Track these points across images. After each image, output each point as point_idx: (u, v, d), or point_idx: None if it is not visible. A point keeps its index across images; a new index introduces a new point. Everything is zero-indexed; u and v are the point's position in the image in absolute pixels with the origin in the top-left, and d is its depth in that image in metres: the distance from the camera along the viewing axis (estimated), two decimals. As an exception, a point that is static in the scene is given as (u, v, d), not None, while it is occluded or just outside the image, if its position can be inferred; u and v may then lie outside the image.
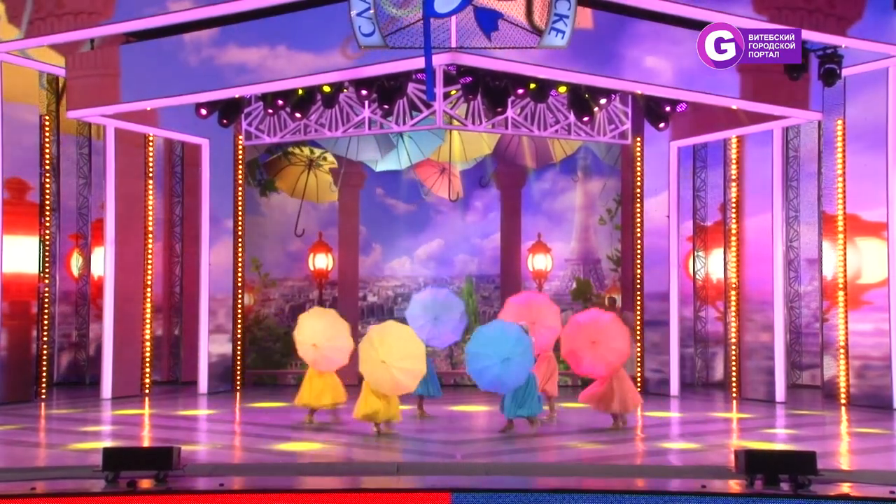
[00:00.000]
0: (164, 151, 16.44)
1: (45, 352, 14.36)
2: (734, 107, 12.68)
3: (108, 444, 9.61)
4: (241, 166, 15.92)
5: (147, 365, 14.72)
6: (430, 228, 16.91)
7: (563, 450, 9.73)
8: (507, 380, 10.13)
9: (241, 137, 15.56)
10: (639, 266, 15.48)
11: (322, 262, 16.86)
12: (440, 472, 8.43)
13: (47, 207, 14.64)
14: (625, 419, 11.10)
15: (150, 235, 14.93)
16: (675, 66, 11.53)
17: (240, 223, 15.85)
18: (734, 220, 14.59)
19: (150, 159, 15.07)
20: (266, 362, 16.73)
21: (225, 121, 14.14)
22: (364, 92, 13.36)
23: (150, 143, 15.09)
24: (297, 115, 14.15)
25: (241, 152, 15.88)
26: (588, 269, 16.86)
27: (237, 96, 13.81)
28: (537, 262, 16.84)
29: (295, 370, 16.63)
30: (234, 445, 10.15)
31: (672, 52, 11.47)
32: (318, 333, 11.29)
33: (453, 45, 10.43)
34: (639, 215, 15.47)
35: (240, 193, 15.88)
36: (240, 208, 15.84)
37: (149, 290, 14.87)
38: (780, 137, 14.04)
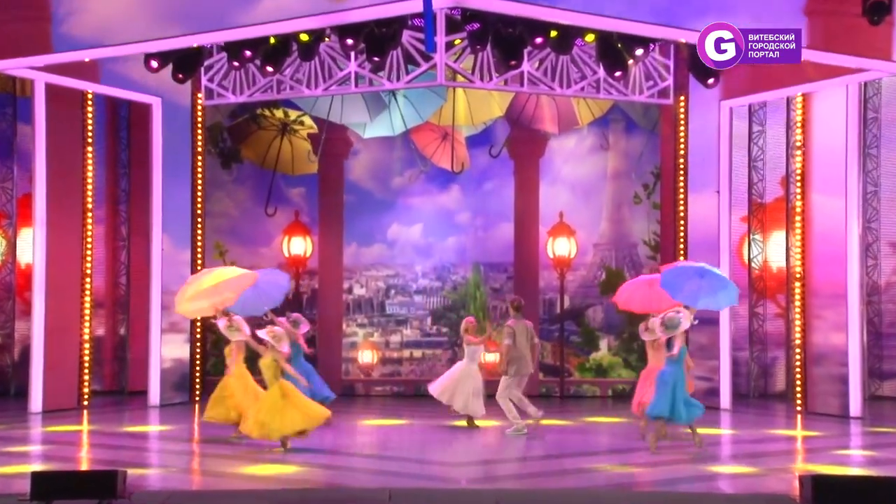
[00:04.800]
0: (107, 113, 16.35)
1: (-41, 356, 14.34)
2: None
3: (38, 467, 9.55)
4: (200, 131, 15.83)
5: (86, 372, 14.64)
6: (428, 206, 16.83)
7: (589, 473, 9.69)
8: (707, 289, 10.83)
9: (200, 96, 15.46)
10: (682, 252, 15.37)
11: (299, 246, 16.81)
12: (441, 501, 8.38)
13: (-37, 181, 14.61)
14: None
15: (90, 215, 14.86)
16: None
17: (199, 200, 15.78)
18: (799, 197, 14.50)
19: (90, 122, 14.97)
20: (231, 368, 16.68)
21: (181, 75, 14.04)
22: (350, 41, 13.24)
23: (90, 103, 15.00)
24: (269, 69, 14.03)
25: (200, 114, 15.79)
26: (621, 255, 16.78)
27: (195, 45, 13.68)
28: (559, 247, 16.77)
29: (266, 378, 16.58)
30: (191, 469, 10.11)
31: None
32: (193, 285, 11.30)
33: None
34: (682, 191, 15.37)
35: (199, 164, 15.80)
36: (199, 182, 15.77)
37: (88, 281, 14.77)
38: (855, 95, 13.91)
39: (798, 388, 14.41)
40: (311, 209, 16.80)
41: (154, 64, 13.62)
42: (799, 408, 14.26)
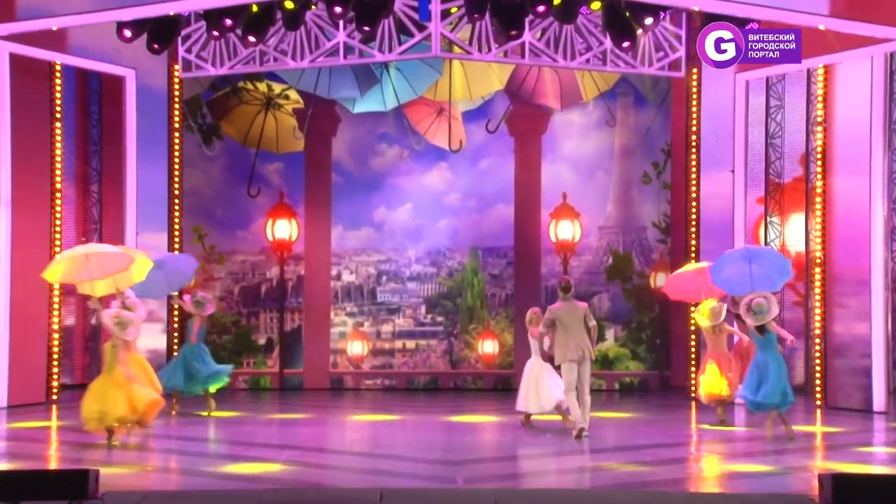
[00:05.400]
0: (77, 86, 16.30)
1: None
2: (821, 26, 12.49)
3: (4, 466, 9.55)
4: (177, 105, 15.78)
5: (54, 364, 14.65)
6: (422, 187, 16.81)
7: (594, 472, 9.71)
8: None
9: (177, 68, 15.42)
10: (694, 236, 15.38)
11: (284, 230, 16.79)
12: (436, 502, 8.38)
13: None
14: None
15: (58, 195, 14.81)
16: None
17: (176, 180, 15.75)
18: (819, 176, 14.49)
19: (58, 96, 14.90)
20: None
21: (156, 45, 14.00)
22: (338, 9, 13.20)
23: (58, 75, 14.93)
24: (251, 38, 14.00)
25: (177, 87, 15.75)
26: (629, 239, 16.79)
27: (172, 13, 13.62)
28: (562, 230, 16.77)
29: (249, 370, 16.63)
30: (168, 467, 10.12)
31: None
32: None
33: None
34: (694, 170, 15.36)
35: (176, 141, 15.76)
36: (176, 161, 15.74)
37: (58, 266, 14.80)
38: (881, 67, 13.87)
39: (818, 381, 14.44)
40: (296, 190, 16.77)
41: (127, 33, 13.57)
42: (819, 402, 14.29)
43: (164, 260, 13.37)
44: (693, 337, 15.30)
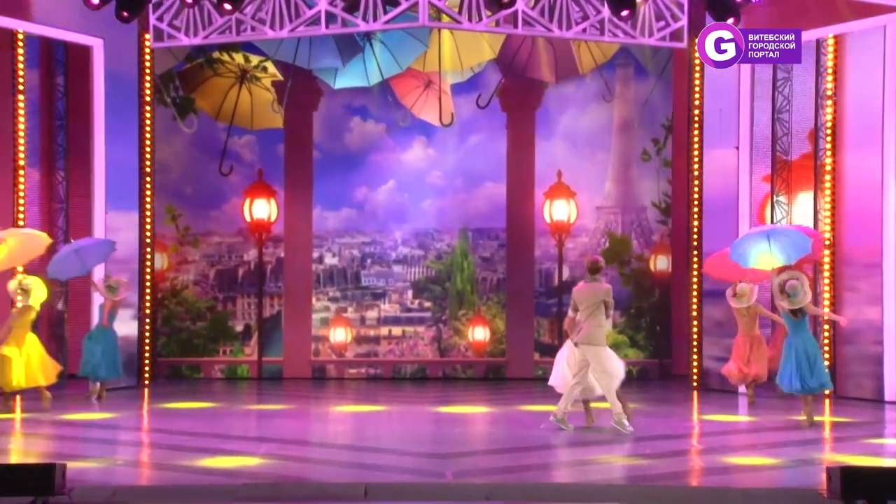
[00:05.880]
0: (41, 56, 16.18)
1: None
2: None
3: (-34, 459, 9.52)
4: (148, 78, 15.69)
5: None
6: (409, 165, 16.79)
7: (590, 466, 9.74)
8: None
9: (148, 37, 15.31)
10: (696, 216, 15.39)
11: (262, 210, 16.76)
12: (424, 497, 8.41)
13: None
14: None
15: (22, 173, 14.74)
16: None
17: (147, 157, 15.68)
18: (829, 153, 14.51)
19: (20, 67, 14.82)
20: (184, 348, 16.71)
21: (126, 13, 13.88)
22: (318, -27, 13.11)
23: (20, 44, 14.84)
24: (227, 6, 13.90)
25: (148, 59, 15.66)
26: (627, 220, 16.80)
27: (141, -21, 13.53)
28: (557, 210, 16.77)
29: (225, 359, 16.63)
30: (140, 461, 10.11)
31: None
32: None
33: None
34: (696, 147, 15.36)
35: (147, 116, 15.69)
36: (147, 137, 15.67)
37: (21, 248, 14.76)
38: (895, 37, 13.89)
39: (827, 369, 14.46)
40: (274, 167, 16.71)
41: (94, 0, 13.46)
42: (827, 391, 14.32)
43: (84, 243, 13.98)
44: (695, 323, 15.33)
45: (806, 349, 11.97)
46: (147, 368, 15.62)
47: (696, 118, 15.38)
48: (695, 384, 15.25)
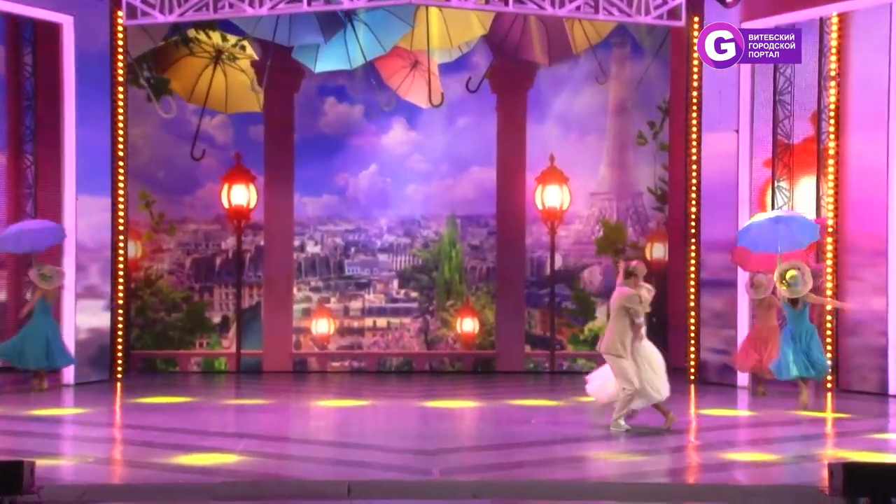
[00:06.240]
0: (7, 34, 16.13)
1: None
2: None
3: (-71, 456, 9.49)
4: (121, 57, 15.62)
5: (-19, 343, 14.66)
6: (392, 149, 16.75)
7: (582, 463, 9.75)
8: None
9: (121, 14, 15.24)
10: (694, 203, 15.41)
11: (241, 196, 16.71)
12: (410, 495, 8.42)
13: None
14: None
15: (-11, 157, 14.72)
16: None
17: (120, 141, 15.60)
18: (832, 136, 14.53)
19: (-13, 46, 14.77)
20: (159, 340, 16.67)
21: (96, -11, 13.82)
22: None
23: (-13, 23, 14.78)
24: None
25: (121, 37, 15.57)
26: (622, 207, 16.82)
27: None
28: (549, 196, 16.77)
29: (202, 351, 16.61)
30: (112, 459, 10.09)
31: None
32: None
33: None
34: (694, 130, 15.37)
35: (120, 97, 15.61)
36: (120, 119, 15.60)
37: (-12, 235, 14.73)
38: (900, 16, 13.93)
39: (829, 362, 14.50)
40: (253, 152, 16.65)
41: (64, -25, 13.39)
42: (829, 385, 14.38)
43: (31, 226, 14.37)
44: (693, 314, 15.36)
45: (805, 338, 12.13)
46: (120, 362, 15.55)
47: (694, 100, 15.38)
48: (692, 377, 15.28)
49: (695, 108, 15.40)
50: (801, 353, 12.52)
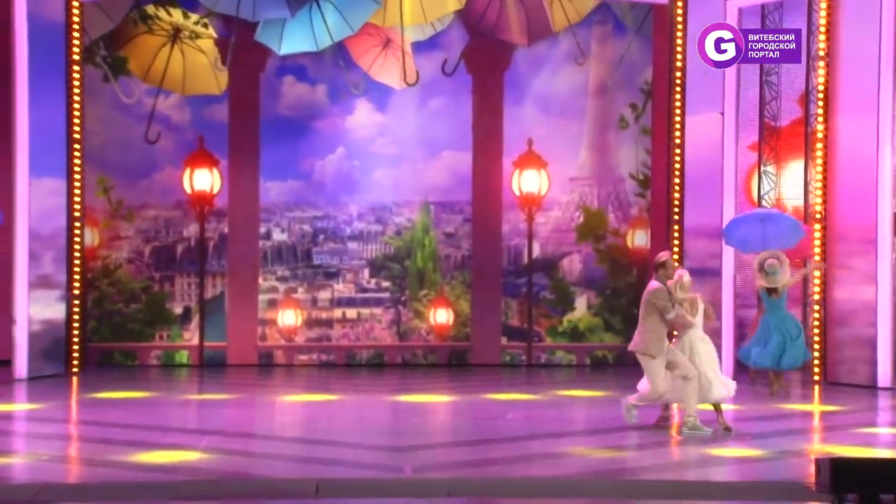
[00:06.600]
0: (-43, 11, 16.01)
1: None
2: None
3: None
4: (76, 35, 15.52)
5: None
6: (361, 131, 16.71)
7: (562, 458, 9.77)
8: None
9: (75, -11, 15.19)
10: (677, 188, 15.47)
11: (204, 181, 16.66)
12: (381, 493, 8.41)
13: None
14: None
15: (-63, 140, 14.62)
16: None
17: (76, 123, 15.53)
18: (821, 119, 14.60)
19: (-66, 23, 14.65)
20: (118, 332, 16.61)
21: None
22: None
23: (-66, -2, 14.66)
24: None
25: (76, 14, 15.48)
26: (603, 192, 16.85)
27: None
28: (527, 181, 16.79)
29: (163, 344, 16.55)
30: (68, 457, 10.03)
31: None
32: None
33: None
34: (678, 112, 15.41)
35: (76, 78, 15.53)
36: (76, 101, 15.51)
37: (-65, 223, 14.66)
38: (892, -7, 14.01)
39: (816, 354, 14.61)
40: (216, 134, 16.58)
41: (15, -52, 13.31)
42: (817, 377, 14.48)
43: None
44: (676, 304, 15.42)
45: (781, 328, 12.25)
46: (76, 355, 15.52)
47: (678, 81, 15.42)
48: (675, 370, 15.32)
49: (678, 89, 15.45)
50: (776, 345, 12.82)
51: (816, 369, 14.52)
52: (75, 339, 15.54)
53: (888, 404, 12.96)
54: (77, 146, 15.52)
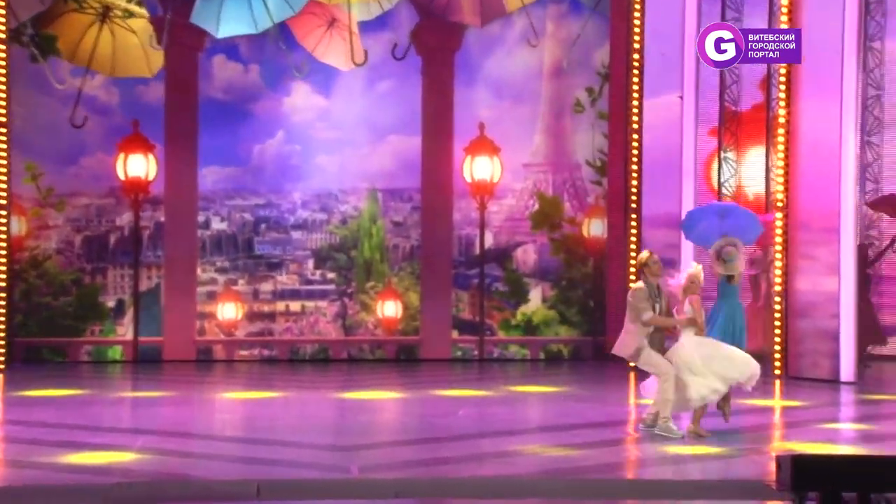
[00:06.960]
0: None
1: None
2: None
3: None
4: (3, 13, 15.36)
5: None
6: (304, 115, 16.66)
7: (516, 458, 9.81)
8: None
9: (-1, -37, 15.02)
10: (635, 175, 15.55)
11: (139, 167, 16.54)
12: (326, 495, 8.40)
13: None
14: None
15: None
16: None
17: (2, 104, 15.37)
18: (782, 104, 14.71)
19: None
20: (47, 327, 16.48)
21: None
22: None
23: None
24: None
25: (0, -11, 15.35)
26: (559, 179, 16.91)
27: None
28: (479, 168, 16.81)
29: (94, 339, 16.43)
30: (-6, 458, 9.96)
31: None
32: None
33: None
34: (635, 96, 15.50)
35: (1, 56, 15.36)
36: (2, 81, 15.35)
37: None
38: (856, -30, 14.14)
39: (777, 347, 14.74)
40: (150, 118, 16.46)
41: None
42: (777, 371, 14.61)
43: None
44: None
45: (733, 315, 12.31)
46: (1, 351, 15.37)
47: (636, 63, 15.49)
48: (632, 365, 15.41)
49: (636, 72, 15.53)
50: (727, 331, 12.76)
51: (777, 363, 14.65)
52: (1, 335, 15.39)
53: (850, 399, 13.11)
54: (2, 130, 15.36)
